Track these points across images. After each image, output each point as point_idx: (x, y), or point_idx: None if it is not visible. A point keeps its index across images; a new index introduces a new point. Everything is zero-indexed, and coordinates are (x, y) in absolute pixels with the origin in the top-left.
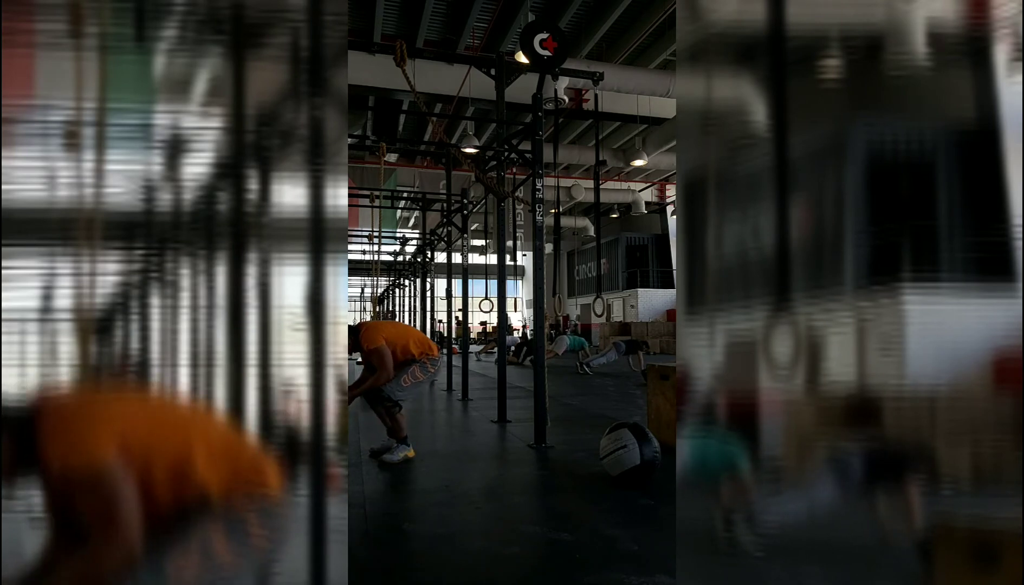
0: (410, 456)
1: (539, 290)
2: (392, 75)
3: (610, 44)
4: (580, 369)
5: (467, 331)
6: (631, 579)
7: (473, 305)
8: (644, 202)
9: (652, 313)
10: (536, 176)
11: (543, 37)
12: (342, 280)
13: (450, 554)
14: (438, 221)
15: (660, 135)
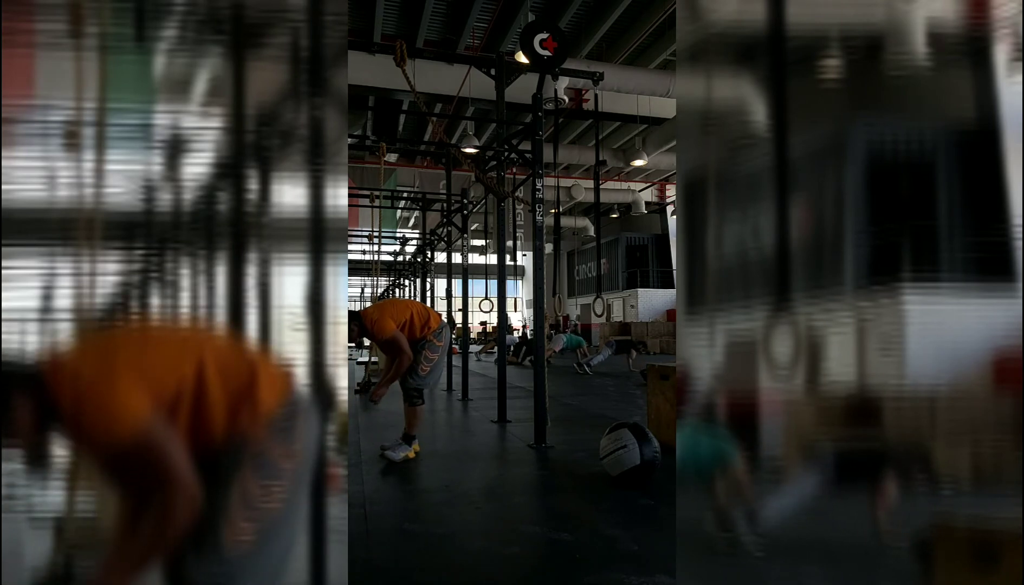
0: (411, 456)
1: (539, 290)
2: (392, 75)
3: (610, 44)
4: (579, 369)
5: (467, 331)
6: (631, 579)
7: (473, 305)
8: (644, 202)
9: (652, 313)
10: (536, 176)
11: (543, 37)
12: (342, 280)
13: (450, 554)
14: (438, 221)
15: (660, 135)
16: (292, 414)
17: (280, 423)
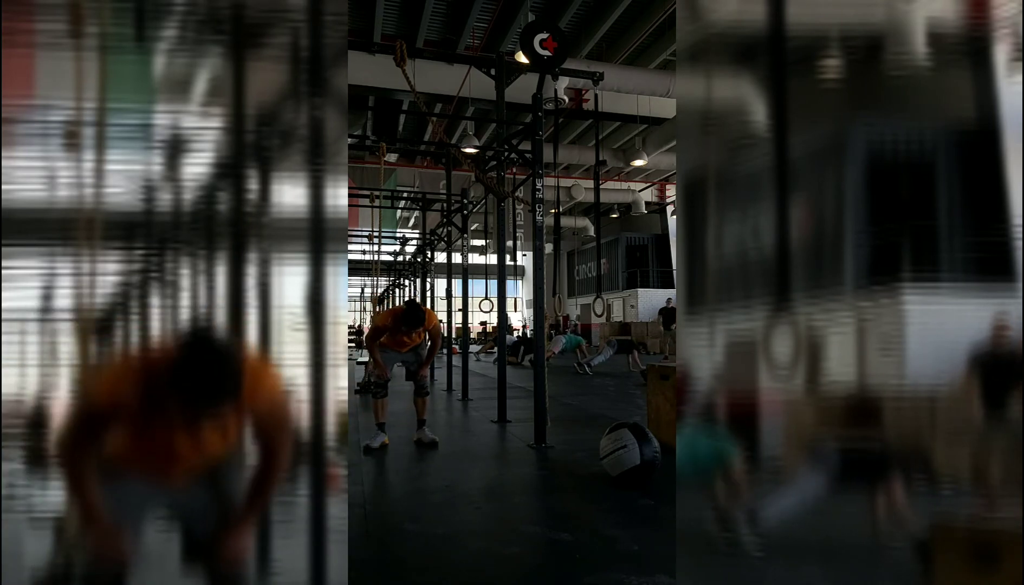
0: (386, 443)
1: (539, 290)
2: (392, 75)
3: (610, 44)
4: (579, 369)
5: (467, 331)
6: (631, 579)
7: (473, 305)
8: (644, 202)
9: (652, 313)
10: (536, 176)
11: (543, 37)
12: (342, 280)
13: (450, 554)
14: (438, 221)
15: (660, 135)
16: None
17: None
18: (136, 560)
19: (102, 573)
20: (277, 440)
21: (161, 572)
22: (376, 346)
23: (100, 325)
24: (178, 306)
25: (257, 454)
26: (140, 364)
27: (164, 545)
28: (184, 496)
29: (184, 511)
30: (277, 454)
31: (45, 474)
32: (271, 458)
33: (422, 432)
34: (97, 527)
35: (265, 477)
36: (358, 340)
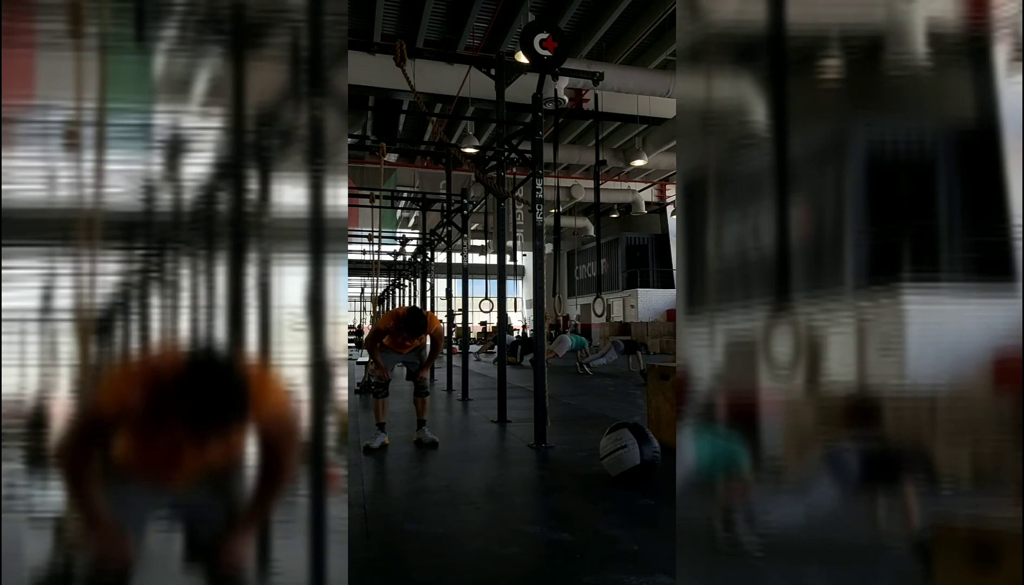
0: (386, 443)
1: (539, 290)
2: (392, 75)
3: (610, 44)
4: (580, 369)
5: (467, 331)
6: (631, 579)
7: (473, 305)
8: (644, 202)
9: (652, 313)
10: (536, 176)
11: (543, 37)
12: (342, 280)
13: (450, 554)
14: (438, 221)
15: (660, 135)
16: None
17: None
18: (138, 563)
19: (104, 576)
20: (282, 449)
21: (163, 575)
22: (377, 349)
23: (100, 325)
24: (178, 306)
25: (262, 462)
26: (143, 370)
27: (166, 548)
28: (187, 501)
29: (186, 515)
30: (282, 463)
31: (45, 474)
32: (276, 466)
33: (422, 432)
34: (99, 531)
35: (269, 485)
36: (358, 340)
